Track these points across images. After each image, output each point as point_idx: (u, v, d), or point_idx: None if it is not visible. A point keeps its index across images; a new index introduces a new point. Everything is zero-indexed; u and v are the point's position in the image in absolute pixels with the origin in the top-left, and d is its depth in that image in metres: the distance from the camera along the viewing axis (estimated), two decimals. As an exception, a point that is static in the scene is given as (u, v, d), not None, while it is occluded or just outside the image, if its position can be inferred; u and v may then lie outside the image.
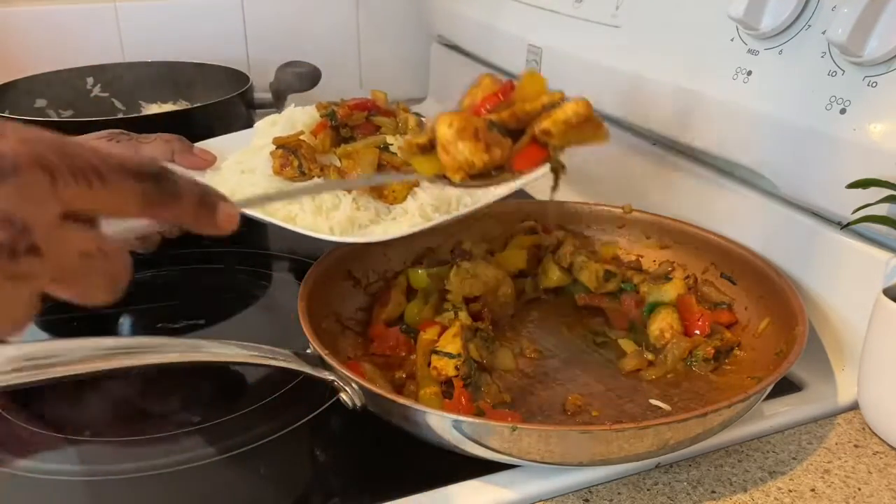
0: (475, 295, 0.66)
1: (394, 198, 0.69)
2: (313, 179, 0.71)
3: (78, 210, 0.30)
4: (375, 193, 0.70)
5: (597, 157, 0.92)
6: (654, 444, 0.48)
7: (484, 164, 0.51)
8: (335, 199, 0.69)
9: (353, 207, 0.68)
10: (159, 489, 0.52)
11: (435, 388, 0.57)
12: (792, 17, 0.62)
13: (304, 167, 0.71)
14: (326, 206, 0.68)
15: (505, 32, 1.02)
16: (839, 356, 0.62)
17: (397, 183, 0.69)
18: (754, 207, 0.69)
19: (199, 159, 0.75)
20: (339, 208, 0.67)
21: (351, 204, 0.68)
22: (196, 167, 0.74)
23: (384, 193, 0.70)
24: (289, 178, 0.71)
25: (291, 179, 0.71)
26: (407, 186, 0.70)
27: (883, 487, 0.50)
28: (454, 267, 0.66)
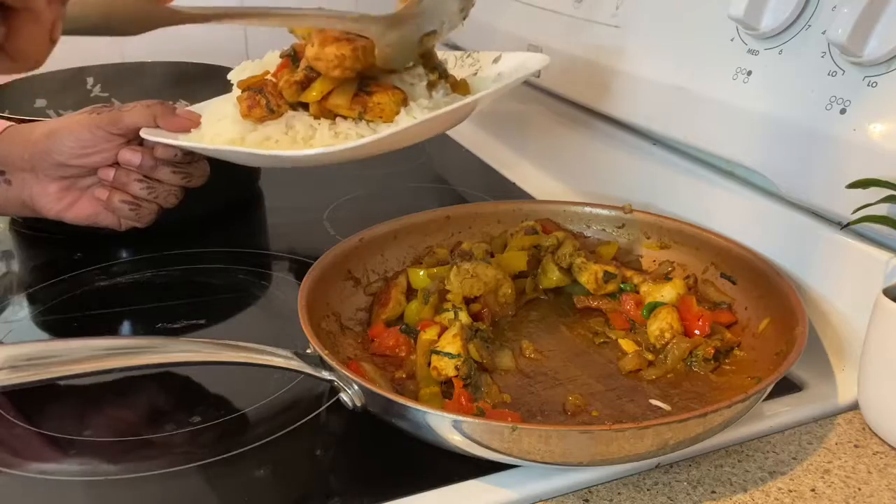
0: (475, 295, 0.66)
1: (380, 111, 0.66)
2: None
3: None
4: (358, 111, 0.66)
5: (597, 158, 0.92)
6: (654, 445, 0.48)
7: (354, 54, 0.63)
8: (309, 128, 0.67)
9: (331, 135, 0.66)
10: (159, 489, 0.52)
11: (435, 388, 0.57)
12: (792, 17, 0.62)
13: (271, 105, 0.69)
14: (301, 136, 0.67)
15: (505, 32, 1.02)
16: (839, 356, 0.62)
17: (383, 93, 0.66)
18: (754, 207, 0.69)
19: (182, 120, 0.74)
20: (314, 136, 0.66)
21: (328, 131, 0.66)
22: (181, 128, 0.73)
23: (370, 107, 0.66)
24: (258, 118, 0.69)
25: (261, 119, 0.69)
26: (396, 99, 0.66)
27: (883, 487, 0.50)
28: (454, 267, 0.66)
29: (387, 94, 0.66)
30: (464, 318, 0.62)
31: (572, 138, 0.96)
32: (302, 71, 0.67)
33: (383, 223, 0.73)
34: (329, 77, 0.65)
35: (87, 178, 0.76)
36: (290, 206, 0.96)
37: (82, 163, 0.74)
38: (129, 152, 0.73)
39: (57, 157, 0.73)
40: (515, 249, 0.71)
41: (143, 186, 0.74)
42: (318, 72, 0.66)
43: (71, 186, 0.76)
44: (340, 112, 0.67)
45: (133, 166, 0.73)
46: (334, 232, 0.85)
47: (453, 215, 0.76)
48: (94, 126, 0.72)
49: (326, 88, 0.66)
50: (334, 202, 0.93)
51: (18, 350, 0.54)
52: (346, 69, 0.64)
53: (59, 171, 0.74)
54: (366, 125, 0.67)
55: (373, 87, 0.67)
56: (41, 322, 0.71)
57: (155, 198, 0.76)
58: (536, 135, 1.05)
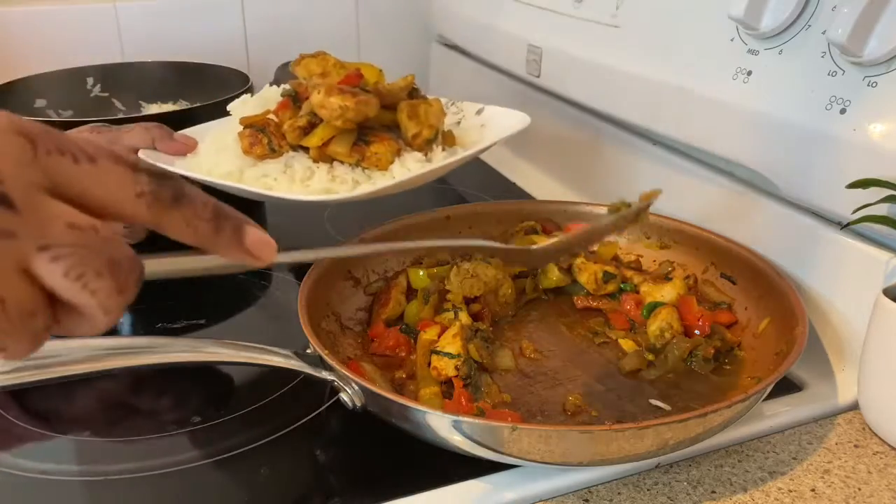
0: (475, 295, 0.66)
1: (377, 161, 0.69)
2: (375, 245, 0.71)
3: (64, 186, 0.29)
4: (356, 158, 0.69)
5: (597, 158, 0.92)
6: (654, 445, 0.48)
7: (357, 107, 0.67)
8: (308, 170, 0.70)
9: (329, 178, 0.69)
10: (158, 489, 0.52)
11: (435, 387, 0.57)
12: (792, 17, 0.62)
13: (273, 144, 0.71)
14: (299, 177, 0.69)
15: (505, 32, 1.02)
16: (839, 356, 0.62)
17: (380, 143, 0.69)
18: (754, 207, 0.69)
19: (180, 144, 0.74)
20: (313, 178, 0.69)
21: (326, 175, 0.69)
22: (177, 152, 0.74)
23: (367, 156, 0.69)
24: (259, 156, 0.71)
25: (261, 157, 0.71)
26: (392, 149, 0.70)
27: (883, 487, 0.50)
28: (454, 267, 0.66)
29: (383, 144, 0.69)
30: (464, 318, 0.62)
31: (573, 138, 0.96)
32: (305, 116, 0.70)
33: (383, 223, 0.73)
34: (331, 125, 0.69)
35: None
36: (290, 206, 0.95)
37: None
38: None
39: None
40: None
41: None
42: (321, 117, 0.69)
43: None
44: (340, 158, 0.70)
45: None
46: (334, 232, 0.85)
47: (453, 215, 0.76)
48: None
49: (328, 135, 0.69)
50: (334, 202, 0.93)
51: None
52: (348, 120, 0.68)
53: None
54: (361, 171, 0.70)
55: (370, 136, 0.70)
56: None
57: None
58: (536, 135, 1.05)
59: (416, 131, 0.71)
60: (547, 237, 0.73)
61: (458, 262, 0.66)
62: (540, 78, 0.95)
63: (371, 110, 0.69)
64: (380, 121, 0.71)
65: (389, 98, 0.71)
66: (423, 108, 0.72)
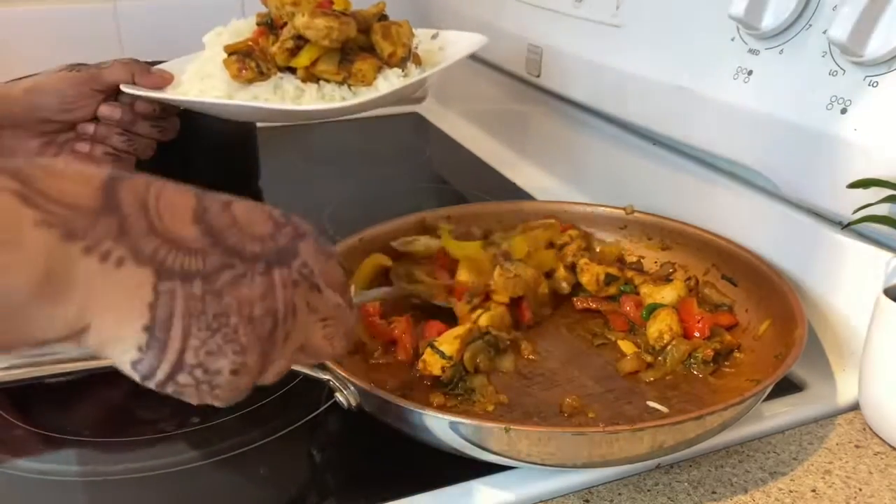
0: (519, 294, 0.65)
1: (362, 77, 0.74)
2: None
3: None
4: (343, 76, 0.74)
5: (597, 158, 0.92)
6: (651, 447, 0.48)
7: (341, 27, 0.72)
8: (297, 90, 0.74)
9: (319, 96, 0.73)
10: (158, 490, 0.52)
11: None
12: (793, 16, 0.62)
13: (262, 67, 0.74)
14: (290, 96, 0.73)
15: (505, 32, 1.02)
16: (840, 356, 0.62)
17: (363, 61, 0.74)
18: (754, 207, 0.69)
19: (157, 78, 0.79)
20: (303, 97, 0.73)
21: (316, 93, 0.73)
22: (155, 85, 0.78)
23: (353, 72, 0.74)
24: (248, 79, 0.74)
25: (251, 81, 0.74)
26: (374, 66, 0.74)
27: (884, 488, 0.50)
28: (498, 267, 0.65)
29: (366, 62, 0.74)
30: (484, 320, 0.62)
31: (572, 138, 0.96)
32: (291, 39, 0.74)
33: (383, 223, 0.73)
34: (318, 45, 0.73)
35: (66, 133, 0.78)
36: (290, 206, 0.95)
37: (65, 118, 0.76)
38: (109, 107, 0.77)
39: (40, 112, 0.76)
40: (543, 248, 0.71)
41: (122, 139, 0.78)
42: (306, 39, 0.73)
43: (51, 142, 0.78)
44: (327, 77, 0.74)
45: (114, 120, 0.77)
46: (334, 232, 0.85)
47: (453, 215, 0.76)
48: (76, 83, 0.76)
49: (315, 55, 0.73)
50: (334, 202, 0.93)
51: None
52: (334, 40, 0.72)
53: (40, 127, 0.77)
54: (347, 88, 0.74)
55: (352, 56, 0.75)
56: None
57: (134, 150, 0.79)
58: (536, 135, 1.05)
59: (392, 50, 0.76)
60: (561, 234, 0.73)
61: (500, 262, 0.66)
62: (540, 78, 0.95)
63: (352, 31, 0.73)
64: (356, 43, 0.75)
65: (363, 22, 0.76)
66: (395, 29, 0.77)
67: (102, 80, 0.76)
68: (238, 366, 0.35)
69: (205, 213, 0.35)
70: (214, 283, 0.34)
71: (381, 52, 0.76)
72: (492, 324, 0.62)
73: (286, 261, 0.37)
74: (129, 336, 0.33)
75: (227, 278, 0.34)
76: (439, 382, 0.58)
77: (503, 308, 0.64)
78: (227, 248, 0.35)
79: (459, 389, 0.58)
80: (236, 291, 0.34)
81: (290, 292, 0.37)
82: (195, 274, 0.33)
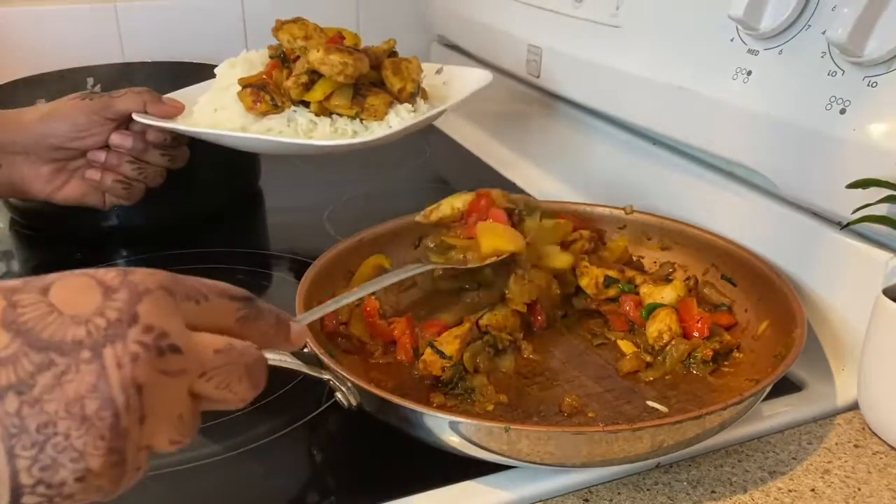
0: (533, 299, 0.65)
1: (374, 112, 0.76)
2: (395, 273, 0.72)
3: (194, 322, 0.36)
4: (356, 111, 0.76)
5: (597, 158, 0.92)
6: (650, 446, 0.48)
7: (355, 63, 0.74)
8: (310, 123, 0.76)
9: (331, 130, 0.75)
10: (159, 489, 0.52)
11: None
12: (792, 17, 0.62)
13: (276, 100, 0.77)
14: (303, 130, 0.75)
15: (505, 32, 1.02)
16: (839, 356, 0.62)
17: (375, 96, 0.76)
18: (754, 207, 0.69)
19: (169, 107, 0.79)
20: (315, 130, 0.75)
21: (328, 127, 0.75)
22: (167, 115, 0.78)
23: (365, 107, 0.75)
24: (263, 112, 0.77)
25: (265, 114, 0.77)
26: (386, 102, 0.76)
27: (883, 487, 0.50)
28: (513, 275, 0.65)
29: (378, 97, 0.76)
30: (486, 320, 0.62)
31: (572, 138, 0.96)
32: (305, 73, 0.76)
33: (383, 223, 0.73)
34: (332, 80, 0.75)
35: (77, 160, 0.79)
36: (290, 206, 0.96)
37: (76, 145, 0.77)
38: (120, 136, 0.77)
39: (52, 140, 0.76)
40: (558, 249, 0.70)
41: (133, 167, 0.78)
42: (320, 74, 0.75)
43: (61, 169, 0.79)
44: (340, 111, 0.76)
45: (125, 149, 0.77)
46: (334, 232, 0.85)
47: (453, 215, 0.76)
48: (88, 111, 0.76)
49: (329, 90, 0.76)
50: (334, 202, 0.93)
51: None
52: (348, 76, 0.74)
53: (52, 154, 0.77)
54: (359, 123, 0.76)
55: (364, 91, 0.77)
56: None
57: (144, 178, 0.79)
58: (536, 135, 1.05)
59: (402, 85, 0.78)
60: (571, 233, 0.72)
61: (515, 269, 0.66)
62: (540, 78, 0.95)
63: (365, 66, 0.75)
64: (367, 78, 0.78)
65: (374, 58, 0.78)
66: (405, 65, 0.79)
67: (114, 108, 0.76)
68: (82, 472, 0.31)
69: (14, 310, 0.32)
70: (31, 392, 0.30)
71: (391, 87, 0.78)
72: (497, 325, 0.62)
73: (119, 335, 0.32)
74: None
75: (45, 381, 0.31)
76: (439, 382, 0.58)
77: (508, 310, 0.64)
78: (42, 345, 0.31)
79: (459, 389, 0.58)
80: (59, 393, 0.31)
81: (128, 371, 0.32)
82: (6, 388, 0.30)
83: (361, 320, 0.64)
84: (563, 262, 0.68)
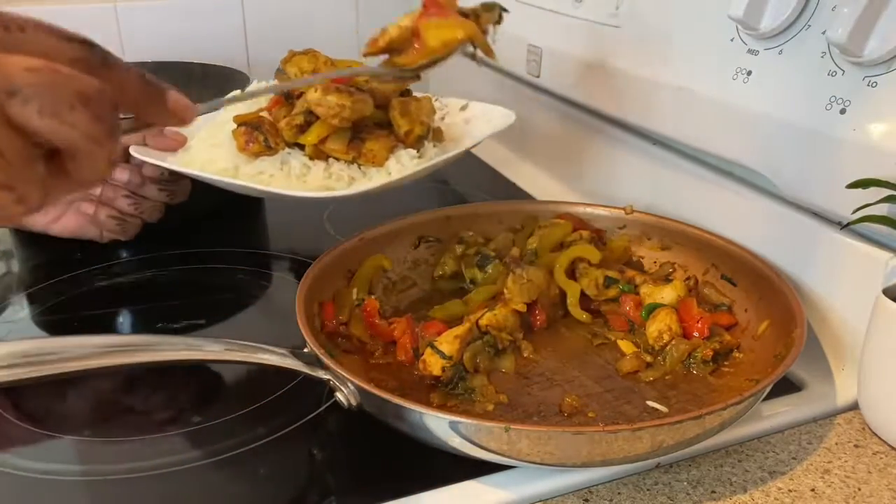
0: (532, 299, 0.65)
1: (372, 157, 0.70)
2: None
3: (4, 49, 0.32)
4: (352, 155, 0.71)
5: (597, 158, 0.92)
6: (650, 446, 0.48)
7: (353, 105, 0.68)
8: (304, 167, 0.71)
9: (325, 175, 0.70)
10: (159, 489, 0.52)
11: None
12: (792, 17, 0.62)
13: (269, 142, 0.72)
14: (296, 174, 0.70)
15: (505, 32, 1.02)
16: (839, 356, 0.62)
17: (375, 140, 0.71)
18: (754, 207, 0.69)
19: (170, 140, 0.76)
20: (309, 175, 0.70)
21: (322, 172, 0.70)
22: (168, 148, 0.75)
23: (363, 152, 0.70)
24: (255, 153, 0.72)
25: (257, 155, 0.72)
26: (387, 147, 0.71)
27: (883, 487, 0.50)
28: (511, 274, 0.65)
29: (378, 141, 0.71)
30: (486, 320, 0.62)
31: (572, 138, 0.96)
32: (301, 115, 0.71)
33: (383, 223, 0.73)
34: (327, 123, 0.70)
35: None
36: (290, 206, 0.95)
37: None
38: (117, 170, 0.74)
39: None
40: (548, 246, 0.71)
41: (129, 202, 0.76)
42: (317, 115, 0.70)
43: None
44: (336, 156, 0.71)
45: (121, 183, 0.75)
46: (334, 232, 0.85)
47: (453, 215, 0.76)
48: None
49: (324, 133, 0.70)
50: (334, 202, 0.93)
51: (16, 347, 0.53)
52: (345, 119, 0.69)
53: None
54: (357, 168, 0.71)
55: (365, 134, 0.71)
56: (41, 322, 0.71)
57: (140, 213, 0.77)
58: (536, 135, 1.05)
59: (409, 128, 0.72)
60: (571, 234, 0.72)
61: (512, 268, 0.66)
62: (540, 78, 0.95)
63: (367, 109, 0.70)
64: (372, 119, 0.72)
65: (382, 97, 0.73)
66: (415, 106, 0.73)
67: None
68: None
69: None
70: None
71: (398, 129, 0.72)
72: (497, 325, 0.62)
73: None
74: None
75: None
76: (439, 382, 0.58)
77: (508, 309, 0.64)
78: None
79: (459, 389, 0.58)
80: None
81: None
82: None
83: (361, 320, 0.64)
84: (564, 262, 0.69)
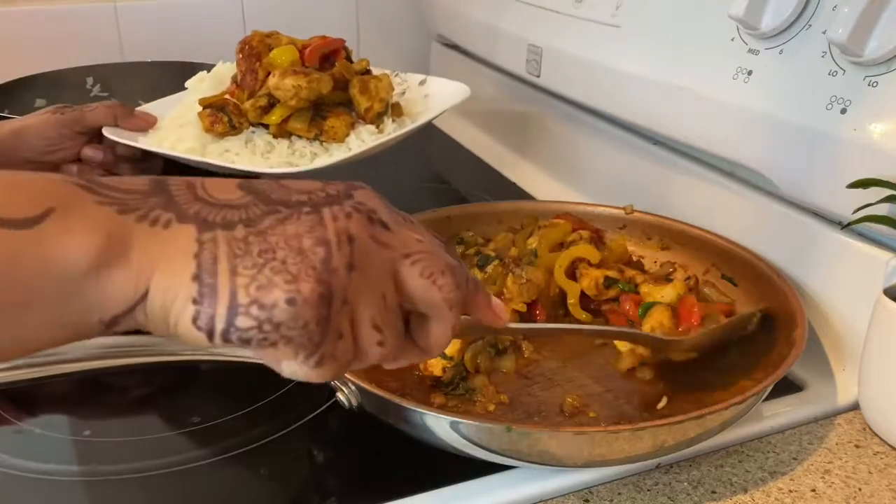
0: (533, 299, 0.65)
1: (333, 134, 0.74)
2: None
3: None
4: (314, 133, 0.75)
5: (597, 158, 0.92)
6: (651, 446, 0.48)
7: (310, 85, 0.72)
8: (268, 145, 0.75)
9: (289, 152, 0.74)
10: (158, 489, 0.52)
11: None
12: (792, 16, 0.62)
13: (234, 122, 0.76)
14: (260, 151, 0.75)
15: (505, 32, 1.02)
16: (839, 356, 0.62)
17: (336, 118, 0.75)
18: (754, 207, 0.69)
19: (140, 121, 0.79)
20: (273, 152, 0.74)
21: (286, 149, 0.74)
22: (138, 129, 0.79)
23: (325, 130, 0.74)
24: (220, 133, 0.76)
25: (223, 134, 0.76)
26: (347, 123, 0.75)
27: (883, 487, 0.50)
28: (510, 275, 0.65)
29: (339, 119, 0.75)
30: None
31: (572, 138, 0.96)
32: (265, 97, 0.75)
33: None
34: (287, 105, 0.74)
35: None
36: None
37: (48, 159, 0.77)
38: (91, 150, 0.77)
39: (24, 154, 0.76)
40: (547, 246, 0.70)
41: None
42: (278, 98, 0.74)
43: None
44: (298, 134, 0.75)
45: (95, 162, 0.77)
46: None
47: (453, 215, 0.76)
48: (59, 125, 0.76)
49: (286, 113, 0.75)
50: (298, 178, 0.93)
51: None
52: (302, 99, 0.73)
53: (24, 168, 0.77)
54: (319, 144, 0.75)
55: (326, 112, 0.75)
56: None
57: None
58: (536, 135, 1.05)
59: (368, 105, 0.76)
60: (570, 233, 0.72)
61: (512, 269, 0.66)
62: (540, 78, 0.95)
63: (324, 87, 0.74)
64: (334, 98, 0.76)
65: (342, 78, 0.77)
66: (374, 83, 0.77)
67: (85, 122, 0.77)
68: (292, 294, 0.33)
69: (250, 182, 0.37)
70: (257, 226, 0.34)
71: (358, 106, 0.76)
72: None
73: (336, 201, 0.36)
74: (182, 290, 0.33)
75: (270, 222, 0.35)
76: (440, 382, 0.58)
77: (508, 310, 0.64)
78: (270, 201, 0.36)
79: (460, 389, 0.58)
80: (281, 229, 0.35)
81: (342, 223, 0.36)
82: (237, 222, 0.34)
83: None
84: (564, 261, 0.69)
